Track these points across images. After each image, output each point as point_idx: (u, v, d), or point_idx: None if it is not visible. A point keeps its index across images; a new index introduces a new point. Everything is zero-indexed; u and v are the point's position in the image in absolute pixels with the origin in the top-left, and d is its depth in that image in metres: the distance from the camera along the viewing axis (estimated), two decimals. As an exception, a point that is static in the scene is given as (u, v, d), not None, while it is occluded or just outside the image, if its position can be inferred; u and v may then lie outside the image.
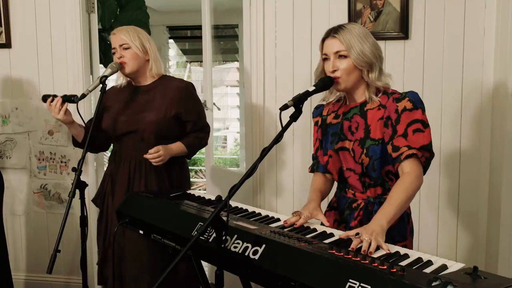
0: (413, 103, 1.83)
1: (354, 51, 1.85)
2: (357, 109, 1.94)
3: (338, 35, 1.87)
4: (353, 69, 1.87)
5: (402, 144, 1.80)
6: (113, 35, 2.49)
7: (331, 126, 2.03)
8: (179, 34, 7.04)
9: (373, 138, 1.88)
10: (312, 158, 2.17)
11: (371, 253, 1.50)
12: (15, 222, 3.52)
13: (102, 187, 2.60)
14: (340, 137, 1.97)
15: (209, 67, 3.62)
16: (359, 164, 1.90)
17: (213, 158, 3.77)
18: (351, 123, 1.95)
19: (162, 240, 1.96)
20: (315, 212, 1.89)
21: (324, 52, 1.92)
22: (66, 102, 2.37)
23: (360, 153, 1.89)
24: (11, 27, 3.36)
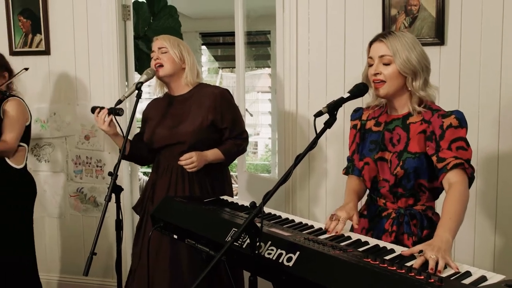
0: (459, 121, 1.81)
1: (400, 57, 1.83)
2: (399, 121, 1.93)
3: (386, 39, 1.86)
4: (396, 75, 1.86)
5: (448, 156, 1.78)
6: (155, 40, 2.56)
7: (371, 132, 2.01)
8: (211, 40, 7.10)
9: (410, 151, 1.86)
10: (347, 160, 2.16)
11: (439, 272, 1.41)
12: (51, 224, 3.61)
13: (144, 195, 2.63)
14: (380, 147, 1.95)
15: (242, 73, 3.64)
16: (393, 176, 1.89)
17: (245, 164, 3.78)
18: (392, 135, 1.93)
19: (196, 245, 1.96)
20: (351, 212, 1.89)
21: (369, 55, 1.92)
22: (111, 114, 2.42)
23: (396, 165, 1.87)
24: (50, 34, 3.46)
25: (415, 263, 1.46)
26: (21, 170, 2.90)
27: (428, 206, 1.93)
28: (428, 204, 1.93)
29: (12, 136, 2.79)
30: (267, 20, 4.90)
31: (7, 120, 2.79)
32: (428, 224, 1.88)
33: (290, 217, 2.03)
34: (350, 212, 1.88)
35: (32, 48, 3.49)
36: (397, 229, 1.90)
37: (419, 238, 1.86)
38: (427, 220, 1.90)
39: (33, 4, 3.44)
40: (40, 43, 3.48)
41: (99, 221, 2.19)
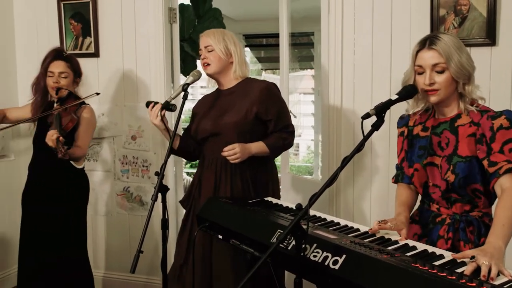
0: (510, 122, 1.75)
1: (453, 63, 1.78)
2: (447, 124, 1.88)
3: (436, 46, 1.79)
4: (451, 82, 1.81)
5: (500, 160, 1.72)
6: (201, 37, 2.60)
7: (419, 138, 1.97)
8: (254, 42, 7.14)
9: (460, 155, 1.81)
10: (396, 168, 2.12)
11: (492, 279, 1.38)
12: (98, 221, 3.70)
13: (191, 189, 2.67)
14: (429, 152, 1.91)
15: (285, 74, 3.64)
16: (444, 181, 1.84)
17: (289, 166, 3.77)
18: (440, 139, 1.88)
19: (240, 246, 1.98)
20: (401, 226, 1.83)
21: (418, 64, 1.83)
22: (164, 109, 2.47)
23: (447, 169, 1.83)
24: (100, 37, 3.56)
25: (467, 269, 1.42)
26: (81, 170, 3.00)
27: (484, 212, 1.87)
28: (485, 210, 1.87)
29: (86, 143, 2.93)
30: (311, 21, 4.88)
31: (82, 127, 2.91)
32: (486, 231, 1.80)
33: (335, 220, 2.01)
34: (399, 225, 1.82)
35: (82, 50, 3.60)
36: (453, 235, 1.84)
37: (476, 245, 1.79)
38: (485, 227, 1.83)
39: (84, 8, 3.55)
40: (89, 46, 3.58)
41: (146, 220, 2.23)
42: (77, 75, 3.03)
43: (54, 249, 2.92)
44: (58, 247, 2.93)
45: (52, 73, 2.91)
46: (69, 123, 2.83)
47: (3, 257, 3.72)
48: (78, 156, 2.89)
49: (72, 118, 2.85)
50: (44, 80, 2.94)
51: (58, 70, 2.91)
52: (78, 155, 2.88)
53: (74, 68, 3.00)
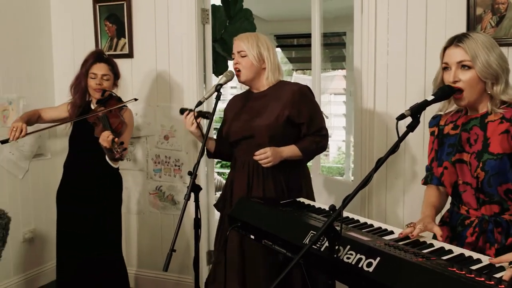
0: None
1: (479, 61, 1.75)
2: (477, 120, 1.84)
3: (463, 44, 1.78)
4: (477, 82, 1.78)
5: None
6: (235, 41, 2.59)
7: (449, 136, 1.94)
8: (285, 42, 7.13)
9: (491, 152, 1.77)
10: (426, 169, 2.09)
11: None
12: (130, 220, 3.76)
13: (224, 192, 2.68)
14: (458, 148, 1.87)
15: (317, 74, 3.62)
16: (474, 178, 1.80)
17: (320, 167, 3.76)
18: (469, 135, 1.85)
19: (272, 246, 1.98)
20: (430, 225, 1.81)
21: (445, 61, 1.84)
22: (199, 117, 2.50)
23: (476, 166, 1.79)
24: (134, 38, 3.61)
25: (505, 275, 1.39)
26: (116, 170, 3.06)
27: None
28: None
29: (127, 143, 2.99)
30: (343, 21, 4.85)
31: (124, 128, 2.97)
32: None
33: (368, 222, 1.99)
34: (428, 226, 1.80)
35: (116, 51, 3.66)
36: (480, 237, 1.81)
37: (503, 246, 1.76)
38: None
39: (119, 10, 3.61)
40: (124, 47, 3.64)
41: (179, 219, 2.25)
42: (117, 77, 3.09)
43: (90, 249, 2.98)
44: (93, 246, 2.98)
45: (95, 75, 2.97)
46: (119, 125, 2.89)
47: (40, 253, 3.81)
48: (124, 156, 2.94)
49: (121, 121, 2.91)
50: (85, 81, 3.00)
51: (101, 73, 2.97)
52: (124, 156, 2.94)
53: (114, 70, 3.06)
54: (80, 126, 3.00)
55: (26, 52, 3.67)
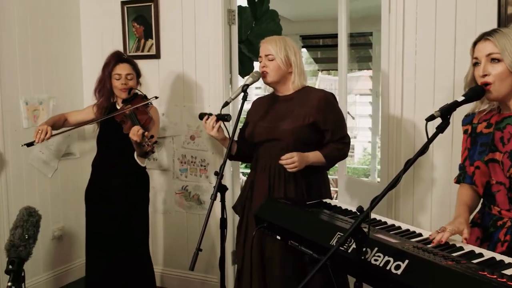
0: None
1: (509, 54, 1.73)
2: (510, 119, 1.81)
3: (492, 37, 1.77)
4: (507, 75, 1.75)
5: None
6: (262, 43, 2.59)
7: (481, 135, 1.91)
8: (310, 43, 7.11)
9: None
10: (459, 168, 2.06)
11: None
12: (157, 219, 3.80)
13: (243, 194, 2.69)
14: (490, 148, 1.84)
15: (344, 75, 3.60)
16: (507, 178, 1.77)
17: (346, 168, 3.73)
18: (503, 134, 1.82)
19: (299, 247, 1.97)
20: (461, 226, 1.78)
21: (475, 55, 1.83)
22: (219, 120, 2.51)
23: (509, 166, 1.75)
24: (161, 39, 3.65)
25: None
26: (143, 168, 3.09)
27: None
28: None
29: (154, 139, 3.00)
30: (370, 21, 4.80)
31: (152, 124, 3.01)
32: None
33: (396, 224, 1.97)
34: (459, 227, 1.77)
35: (144, 52, 3.71)
36: (511, 238, 1.77)
37: None
38: None
39: (146, 11, 3.65)
40: (151, 48, 3.68)
41: (205, 219, 2.27)
42: (139, 76, 3.14)
43: (117, 248, 3.02)
44: (121, 246, 3.02)
45: (119, 75, 3.01)
46: (147, 121, 2.93)
47: (69, 251, 3.88)
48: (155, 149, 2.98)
49: (149, 117, 2.95)
50: (110, 83, 3.04)
51: (125, 72, 3.01)
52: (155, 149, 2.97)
53: (136, 69, 3.12)
54: (107, 126, 3.04)
55: (56, 53, 3.74)
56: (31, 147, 3.00)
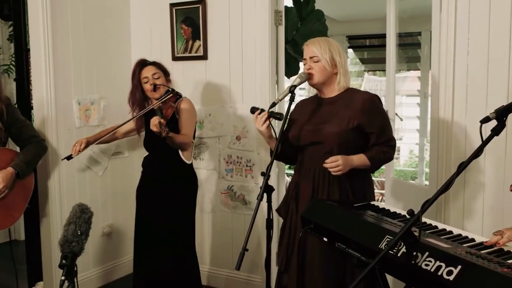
0: None
1: None
2: None
3: None
4: None
5: None
6: (306, 46, 2.57)
7: None
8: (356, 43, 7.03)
9: None
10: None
11: None
12: (203, 218, 3.84)
13: (287, 197, 2.68)
14: None
15: (392, 76, 3.54)
16: None
17: (393, 170, 3.67)
18: None
19: (346, 250, 1.96)
20: None
21: None
22: (271, 117, 2.52)
23: None
24: (208, 40, 3.69)
25: None
26: (190, 165, 3.14)
27: None
28: None
29: (189, 131, 3.06)
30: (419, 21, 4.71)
31: (184, 116, 3.04)
32: None
33: (447, 228, 1.93)
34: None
35: (191, 53, 3.76)
36: None
37: None
38: None
39: (194, 13, 3.70)
40: (198, 49, 3.73)
41: (252, 219, 2.27)
42: (167, 74, 3.18)
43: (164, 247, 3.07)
44: (168, 245, 3.07)
45: (146, 78, 3.08)
46: (169, 110, 2.96)
47: (117, 247, 3.99)
48: (183, 141, 3.00)
49: (171, 106, 2.98)
50: (139, 91, 3.12)
51: (150, 74, 3.08)
52: (183, 141, 3.00)
53: (162, 68, 3.16)
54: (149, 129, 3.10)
55: (107, 54, 3.85)
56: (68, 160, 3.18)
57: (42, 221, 3.52)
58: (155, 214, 3.10)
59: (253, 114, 2.57)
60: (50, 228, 3.48)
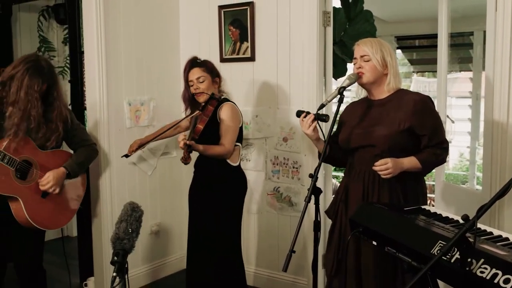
0: None
1: None
2: None
3: None
4: None
5: None
6: (357, 45, 2.55)
7: None
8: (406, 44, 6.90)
9: None
10: None
11: None
12: (249, 219, 3.86)
13: (336, 199, 2.66)
14: None
15: (443, 77, 3.46)
16: None
17: (444, 174, 3.58)
18: None
19: (396, 254, 1.92)
20: None
21: None
22: (317, 120, 2.51)
23: None
24: (256, 42, 3.71)
25: None
26: (237, 167, 3.16)
27: None
28: None
29: (229, 140, 3.06)
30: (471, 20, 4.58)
31: (223, 125, 3.06)
32: None
33: (503, 235, 1.86)
34: None
35: (239, 55, 3.79)
36: None
37: None
38: None
39: (242, 15, 3.73)
40: (246, 51, 3.76)
41: (299, 221, 2.27)
42: (214, 75, 3.18)
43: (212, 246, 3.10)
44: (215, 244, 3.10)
45: (192, 81, 3.12)
46: (199, 126, 2.99)
47: (165, 246, 4.06)
48: (219, 153, 3.02)
49: (203, 119, 3.00)
50: (189, 91, 3.16)
51: (195, 77, 3.10)
52: (218, 153, 3.02)
53: (209, 70, 3.16)
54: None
55: (156, 56, 3.93)
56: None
57: (94, 219, 3.63)
58: (203, 215, 3.14)
59: (299, 118, 2.57)
60: (101, 225, 3.58)
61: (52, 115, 2.79)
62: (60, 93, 2.84)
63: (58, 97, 2.82)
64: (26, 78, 2.65)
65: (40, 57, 2.85)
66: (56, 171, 2.84)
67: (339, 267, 2.56)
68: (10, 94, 2.67)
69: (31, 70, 2.67)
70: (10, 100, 2.67)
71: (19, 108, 2.65)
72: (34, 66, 2.69)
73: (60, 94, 2.84)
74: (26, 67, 2.67)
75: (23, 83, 2.65)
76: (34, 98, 2.67)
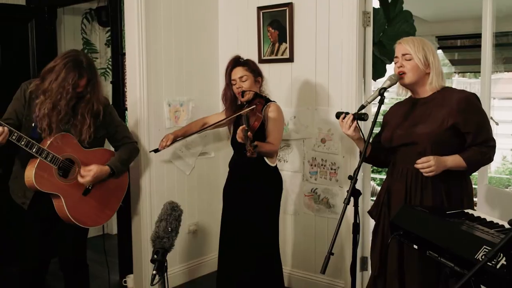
0: None
1: None
2: None
3: None
4: None
5: None
6: (398, 44, 2.52)
7: None
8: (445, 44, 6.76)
9: None
10: None
11: None
12: (286, 220, 3.85)
13: (379, 199, 2.63)
14: None
15: (488, 77, 3.37)
16: None
17: (487, 177, 3.48)
18: None
19: (438, 258, 1.88)
20: None
21: None
22: (356, 119, 2.49)
23: None
24: (294, 43, 3.71)
25: None
26: (274, 168, 3.16)
27: None
28: None
29: (276, 139, 3.08)
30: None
31: (270, 124, 3.07)
32: None
33: (551, 241, 1.79)
34: None
35: (277, 56, 3.79)
36: None
37: None
38: None
39: (281, 16, 3.73)
40: (285, 52, 3.75)
41: (338, 223, 2.26)
42: (256, 74, 3.18)
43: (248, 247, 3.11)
44: (251, 245, 3.10)
45: (234, 80, 3.13)
46: (255, 122, 2.99)
47: (202, 245, 4.10)
48: (270, 151, 3.03)
49: (258, 117, 3.01)
50: (230, 90, 3.18)
51: (237, 76, 3.12)
52: (269, 150, 3.03)
53: (251, 69, 3.16)
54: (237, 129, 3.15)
55: (196, 58, 3.97)
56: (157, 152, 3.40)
57: (133, 217, 3.70)
58: (240, 215, 3.15)
59: (338, 119, 2.55)
60: (140, 224, 3.64)
61: (81, 107, 2.78)
62: (95, 88, 2.81)
63: (92, 91, 2.79)
64: (63, 71, 2.66)
65: (80, 52, 2.85)
66: (101, 167, 2.87)
67: (382, 269, 2.52)
68: (45, 84, 2.68)
69: (70, 64, 2.68)
70: (42, 88, 2.68)
71: (50, 98, 2.65)
72: (73, 60, 2.70)
73: (95, 89, 2.80)
74: (65, 61, 2.69)
75: (59, 75, 2.66)
76: (65, 90, 2.66)
